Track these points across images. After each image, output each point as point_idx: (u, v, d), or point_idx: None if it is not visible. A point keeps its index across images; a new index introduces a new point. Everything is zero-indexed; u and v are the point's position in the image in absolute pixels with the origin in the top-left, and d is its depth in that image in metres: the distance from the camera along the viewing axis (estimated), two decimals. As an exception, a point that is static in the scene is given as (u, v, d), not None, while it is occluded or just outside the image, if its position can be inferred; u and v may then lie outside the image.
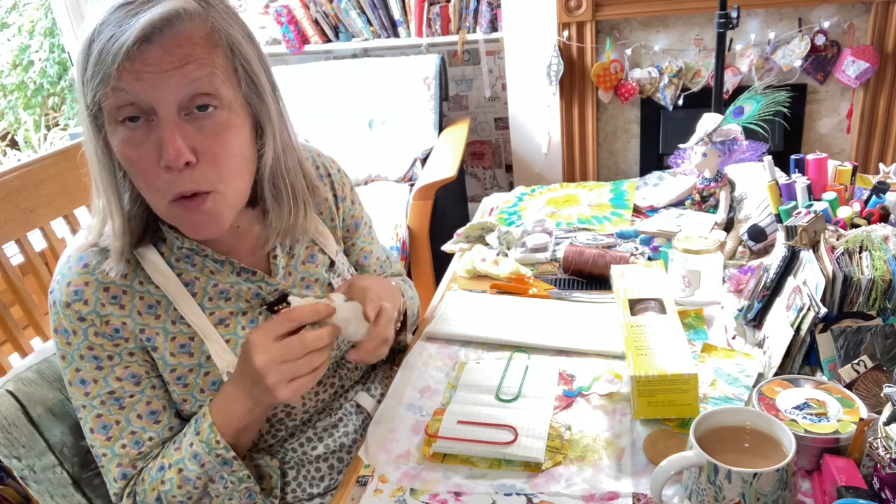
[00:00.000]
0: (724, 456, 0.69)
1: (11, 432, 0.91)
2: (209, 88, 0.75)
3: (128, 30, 0.71)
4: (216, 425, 0.85)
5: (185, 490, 0.86)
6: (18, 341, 1.21)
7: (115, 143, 0.76)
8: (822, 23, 2.47)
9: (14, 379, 0.94)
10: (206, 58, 0.75)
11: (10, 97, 4.16)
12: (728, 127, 1.36)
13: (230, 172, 0.79)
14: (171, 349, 0.87)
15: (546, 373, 0.99)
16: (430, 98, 2.79)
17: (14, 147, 4.19)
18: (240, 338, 0.90)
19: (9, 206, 1.24)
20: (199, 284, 0.89)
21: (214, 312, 0.89)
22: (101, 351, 0.86)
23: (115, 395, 0.87)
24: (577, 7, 2.59)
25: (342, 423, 1.00)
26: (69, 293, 0.84)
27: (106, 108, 0.75)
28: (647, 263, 1.15)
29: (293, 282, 0.96)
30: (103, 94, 0.73)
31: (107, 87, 0.72)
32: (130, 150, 0.75)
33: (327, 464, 0.98)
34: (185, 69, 0.73)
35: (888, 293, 0.85)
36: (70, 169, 1.36)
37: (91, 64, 0.73)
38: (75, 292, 0.84)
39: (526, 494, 0.79)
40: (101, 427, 0.87)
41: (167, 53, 0.72)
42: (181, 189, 0.76)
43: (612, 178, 2.74)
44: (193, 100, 0.75)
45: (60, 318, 0.85)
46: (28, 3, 4.10)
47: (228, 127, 0.78)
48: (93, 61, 0.72)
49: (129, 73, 0.72)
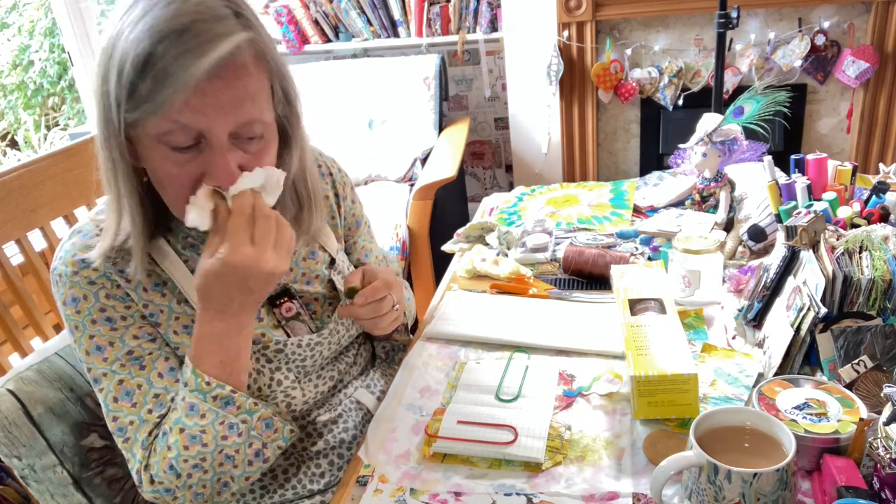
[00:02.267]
0: (724, 456, 0.69)
1: (12, 431, 0.91)
2: (260, 119, 0.79)
3: (195, 65, 0.70)
4: (198, 369, 0.82)
5: (195, 451, 0.82)
6: (18, 341, 1.21)
7: (154, 158, 0.77)
8: (822, 23, 2.47)
9: (15, 378, 0.94)
10: (259, 91, 0.78)
11: (10, 97, 4.16)
12: (728, 127, 1.36)
13: None
14: (175, 328, 0.88)
15: (546, 373, 0.99)
16: (430, 98, 2.79)
17: (14, 147, 4.19)
18: None
19: (9, 206, 1.24)
20: None
21: None
22: (113, 312, 0.85)
23: (134, 354, 0.86)
24: (577, 7, 2.59)
25: (342, 419, 1.00)
26: (75, 262, 0.85)
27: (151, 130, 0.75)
28: (647, 263, 1.15)
29: (294, 277, 0.97)
30: (156, 119, 0.73)
31: (162, 115, 0.73)
32: (172, 167, 0.77)
33: (327, 460, 0.98)
34: (243, 107, 0.76)
35: (888, 293, 0.85)
36: (70, 169, 1.36)
37: (145, 90, 0.72)
38: (82, 260, 0.84)
39: (526, 494, 0.79)
40: (125, 394, 0.85)
41: (229, 88, 0.74)
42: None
43: (612, 178, 2.74)
44: (243, 130, 0.78)
45: (67, 288, 0.85)
46: (28, 3, 4.10)
47: (268, 144, 0.82)
48: (148, 87, 0.71)
49: (189, 108, 0.73)
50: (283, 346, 0.93)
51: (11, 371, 0.96)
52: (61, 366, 0.99)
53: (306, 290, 0.98)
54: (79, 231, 0.88)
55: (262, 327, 0.92)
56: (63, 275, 0.85)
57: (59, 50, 4.03)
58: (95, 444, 0.98)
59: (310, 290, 0.98)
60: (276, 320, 0.94)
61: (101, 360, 0.85)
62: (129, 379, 0.85)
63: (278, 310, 0.94)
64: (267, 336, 0.92)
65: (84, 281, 0.84)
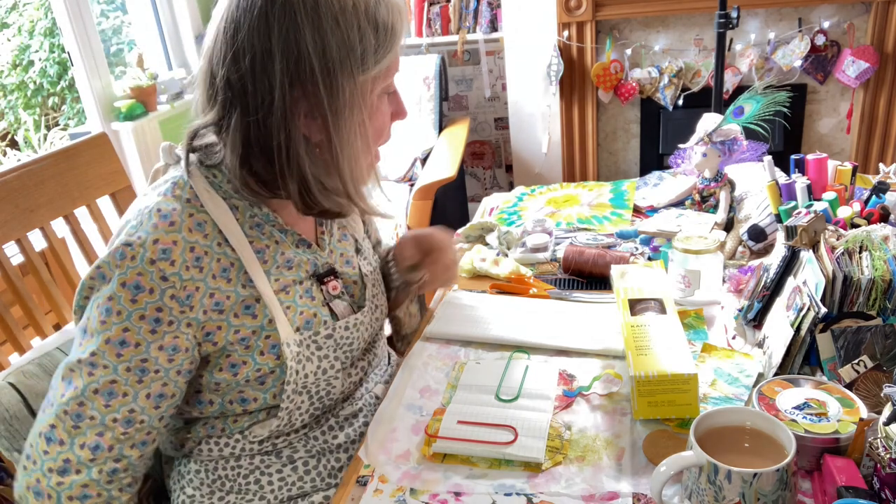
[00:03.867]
0: (724, 456, 0.69)
1: (13, 424, 0.91)
2: None
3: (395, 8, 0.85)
4: None
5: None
6: (18, 341, 1.21)
7: (378, 112, 0.89)
8: (822, 23, 2.48)
9: (16, 372, 0.94)
10: None
11: (10, 97, 4.16)
12: (728, 127, 1.36)
13: None
14: (237, 311, 0.87)
15: (546, 373, 0.99)
16: (430, 98, 2.79)
17: (14, 147, 4.19)
18: (298, 305, 0.92)
19: (9, 206, 1.24)
20: (268, 253, 0.91)
21: (279, 279, 0.91)
22: (167, 314, 0.82)
23: (146, 364, 0.83)
24: (577, 7, 2.59)
25: (362, 413, 1.02)
26: (156, 250, 0.81)
27: (380, 83, 0.87)
28: (647, 263, 1.15)
29: (335, 257, 1.00)
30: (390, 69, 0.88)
31: (391, 69, 0.88)
32: (388, 113, 0.92)
33: (347, 454, 0.99)
34: None
35: (888, 293, 0.85)
36: (70, 169, 1.36)
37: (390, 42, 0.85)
38: (163, 251, 0.82)
39: (526, 494, 0.80)
40: (108, 393, 0.82)
41: None
42: (387, 140, 0.96)
43: (612, 178, 2.74)
44: None
45: (135, 273, 0.80)
46: (28, 3, 4.10)
47: None
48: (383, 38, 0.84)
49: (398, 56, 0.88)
50: (332, 332, 0.94)
51: (12, 365, 0.96)
52: (62, 360, 0.99)
53: (346, 272, 1.01)
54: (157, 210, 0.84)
55: (313, 306, 0.94)
56: (139, 257, 0.81)
57: (59, 50, 4.03)
58: (96, 442, 0.98)
59: (348, 272, 1.01)
60: (323, 297, 0.96)
61: (115, 355, 0.82)
62: (122, 384, 0.82)
63: (325, 287, 0.96)
64: (318, 316, 0.94)
65: (157, 274, 0.81)
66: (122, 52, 3.40)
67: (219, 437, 0.95)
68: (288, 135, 0.82)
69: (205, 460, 0.96)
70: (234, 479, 0.95)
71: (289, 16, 0.78)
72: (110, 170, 1.44)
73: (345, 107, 0.82)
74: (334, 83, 0.81)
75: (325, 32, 0.79)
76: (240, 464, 0.95)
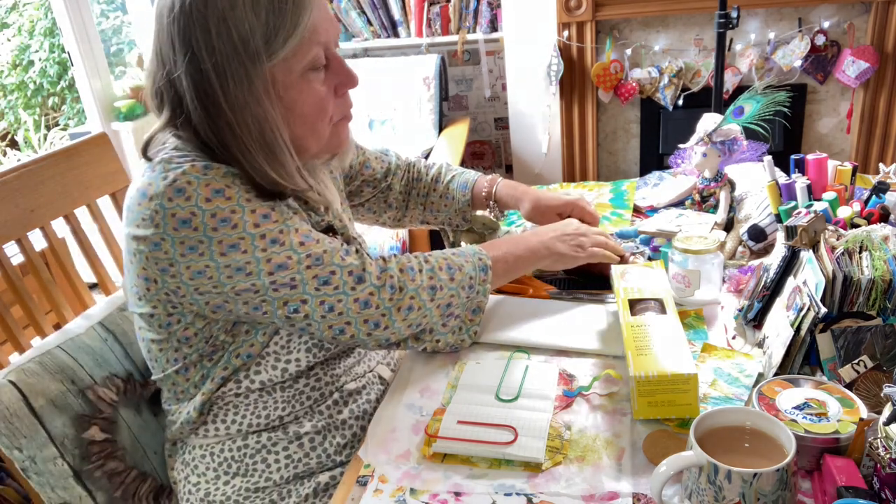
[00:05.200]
0: (724, 456, 0.69)
1: (13, 423, 0.91)
2: None
3: None
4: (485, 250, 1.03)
5: (444, 275, 0.96)
6: (18, 341, 1.21)
7: (304, 93, 0.87)
8: (822, 23, 2.48)
9: (16, 370, 0.94)
10: None
11: (10, 97, 4.16)
12: (728, 127, 1.36)
13: None
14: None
15: (546, 373, 0.99)
16: (430, 98, 2.79)
17: (14, 147, 4.19)
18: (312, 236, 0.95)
19: (9, 206, 1.24)
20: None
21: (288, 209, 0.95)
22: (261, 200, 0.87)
23: (295, 217, 0.90)
24: (577, 7, 2.59)
25: (365, 390, 1.04)
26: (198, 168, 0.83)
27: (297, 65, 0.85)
28: (647, 263, 1.15)
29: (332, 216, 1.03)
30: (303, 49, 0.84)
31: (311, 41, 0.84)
32: (322, 89, 0.89)
33: (351, 431, 1.01)
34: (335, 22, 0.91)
35: (888, 293, 0.85)
36: (70, 169, 1.36)
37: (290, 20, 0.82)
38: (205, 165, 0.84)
39: (526, 494, 0.80)
40: (306, 236, 0.88)
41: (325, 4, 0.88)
42: (347, 110, 0.96)
43: (612, 178, 2.74)
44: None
45: (203, 187, 0.82)
46: (28, 3, 4.10)
47: None
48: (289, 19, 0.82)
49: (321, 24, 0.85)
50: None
51: (13, 363, 0.96)
52: (63, 358, 0.99)
53: (344, 227, 1.04)
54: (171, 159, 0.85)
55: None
56: (193, 180, 0.82)
57: (59, 50, 4.03)
58: (96, 437, 0.99)
59: (347, 228, 1.05)
60: None
61: (272, 222, 0.85)
62: (303, 226, 0.89)
63: None
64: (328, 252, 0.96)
65: (219, 173, 0.83)
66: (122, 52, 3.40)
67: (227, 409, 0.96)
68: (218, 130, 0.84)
69: (211, 442, 0.96)
70: (240, 459, 0.96)
71: (183, 20, 0.81)
72: (110, 170, 1.44)
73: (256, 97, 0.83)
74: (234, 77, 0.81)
75: (210, 33, 0.80)
76: (246, 442, 0.96)
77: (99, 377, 1.02)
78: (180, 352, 0.93)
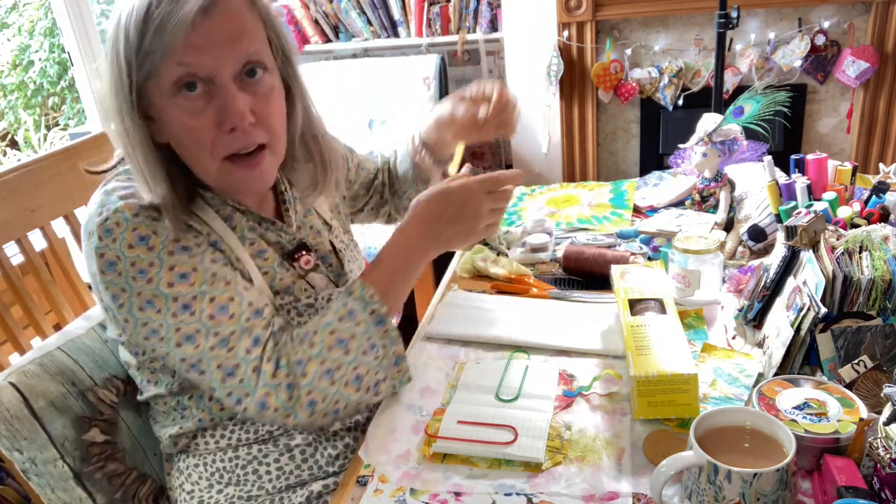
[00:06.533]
0: (724, 456, 0.69)
1: (13, 424, 0.91)
2: (259, 58, 0.83)
3: (187, 4, 0.75)
4: (366, 282, 0.90)
5: (336, 355, 0.86)
6: (18, 341, 1.21)
7: (172, 116, 0.81)
8: (822, 23, 2.47)
9: (17, 371, 0.94)
10: (254, 31, 0.83)
11: (10, 97, 4.16)
12: (728, 127, 1.36)
13: (280, 130, 0.88)
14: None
15: (546, 373, 0.99)
16: (430, 98, 2.79)
17: (14, 147, 4.19)
18: (276, 271, 0.94)
19: (9, 206, 1.24)
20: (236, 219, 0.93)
21: (255, 243, 0.93)
22: (187, 241, 0.85)
23: (217, 275, 0.86)
24: (577, 7, 2.59)
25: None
26: (131, 206, 0.82)
27: (163, 82, 0.79)
28: (647, 263, 1.15)
29: (304, 231, 1.01)
30: (166, 67, 0.77)
31: (170, 60, 0.77)
32: (191, 119, 0.81)
33: (343, 442, 1.00)
34: (241, 43, 0.81)
35: (888, 293, 0.85)
36: (70, 169, 1.36)
37: (151, 37, 0.76)
38: (139, 205, 0.83)
39: (526, 494, 0.79)
40: (220, 308, 0.84)
41: (223, 26, 0.79)
42: (241, 145, 0.84)
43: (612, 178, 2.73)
44: (245, 67, 0.82)
45: (131, 231, 0.82)
46: (28, 3, 4.10)
47: (274, 89, 0.86)
48: (152, 34, 0.76)
49: (192, 47, 0.77)
50: (315, 301, 0.95)
51: (13, 365, 0.96)
52: (63, 360, 0.99)
53: (319, 242, 1.02)
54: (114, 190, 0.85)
55: (288, 278, 0.94)
56: (122, 221, 0.82)
57: (59, 50, 4.02)
58: (96, 439, 0.99)
59: (322, 242, 1.02)
60: (297, 274, 0.96)
61: (188, 285, 0.83)
62: (221, 295, 0.85)
63: (297, 263, 0.97)
64: (297, 286, 0.95)
65: (148, 219, 0.83)
66: (122, 52, 3.39)
67: (213, 430, 0.95)
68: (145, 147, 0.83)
69: (202, 453, 0.96)
70: (231, 469, 0.96)
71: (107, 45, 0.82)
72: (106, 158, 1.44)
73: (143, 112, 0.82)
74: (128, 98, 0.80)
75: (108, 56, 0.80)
76: (237, 454, 0.96)
77: (99, 379, 1.02)
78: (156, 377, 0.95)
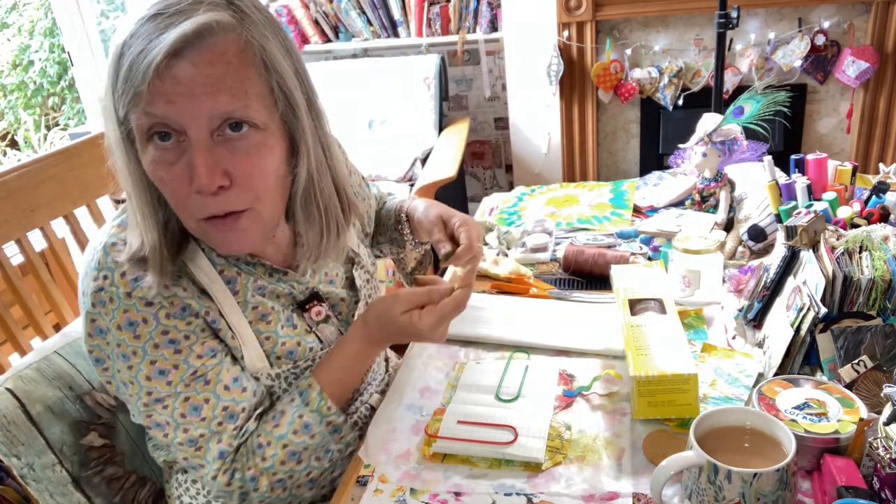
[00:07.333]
0: (724, 456, 0.69)
1: (11, 430, 0.90)
2: (243, 115, 0.73)
3: (158, 45, 0.67)
4: (324, 391, 0.87)
5: (288, 467, 0.86)
6: (18, 341, 1.21)
7: (146, 162, 0.74)
8: (822, 23, 2.48)
9: (14, 377, 0.94)
10: (242, 81, 0.72)
11: (10, 97, 4.16)
12: (728, 127, 1.36)
13: (266, 192, 0.78)
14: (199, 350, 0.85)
15: (546, 373, 0.99)
16: (430, 98, 2.79)
17: (14, 147, 4.19)
18: (280, 336, 0.89)
19: (9, 206, 1.24)
20: (240, 281, 0.87)
21: (258, 307, 0.88)
22: (176, 333, 0.81)
23: (198, 373, 0.83)
24: (577, 7, 2.59)
25: (357, 426, 1.00)
26: (126, 282, 0.78)
27: (136, 128, 0.72)
28: (647, 263, 1.15)
29: (318, 279, 0.96)
30: (134, 114, 0.70)
31: (137, 108, 0.69)
32: (161, 171, 0.73)
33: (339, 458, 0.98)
34: (217, 97, 0.70)
35: (888, 293, 0.85)
36: (70, 169, 1.36)
37: (121, 80, 0.69)
38: (135, 279, 0.79)
39: (526, 494, 0.79)
40: (193, 409, 0.83)
41: (199, 71, 0.69)
42: (214, 211, 0.75)
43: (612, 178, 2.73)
44: (226, 122, 0.73)
45: (121, 312, 0.79)
46: (28, 3, 4.10)
47: (263, 147, 0.75)
48: (122, 77, 0.69)
49: (160, 96, 0.68)
50: (313, 361, 0.93)
51: (10, 370, 0.96)
52: (61, 364, 0.99)
53: (331, 292, 0.97)
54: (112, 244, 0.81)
55: (296, 335, 0.91)
56: (115, 297, 0.78)
57: (59, 50, 4.02)
58: (94, 443, 0.98)
59: (334, 291, 0.98)
60: (307, 325, 0.93)
61: (165, 383, 0.82)
62: (196, 395, 0.83)
63: (308, 314, 0.94)
64: (302, 345, 0.91)
65: (141, 303, 0.79)
66: (123, 52, 3.39)
67: None
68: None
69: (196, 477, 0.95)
70: None
71: None
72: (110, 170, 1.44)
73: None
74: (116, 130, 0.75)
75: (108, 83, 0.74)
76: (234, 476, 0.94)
77: (97, 382, 1.01)
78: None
